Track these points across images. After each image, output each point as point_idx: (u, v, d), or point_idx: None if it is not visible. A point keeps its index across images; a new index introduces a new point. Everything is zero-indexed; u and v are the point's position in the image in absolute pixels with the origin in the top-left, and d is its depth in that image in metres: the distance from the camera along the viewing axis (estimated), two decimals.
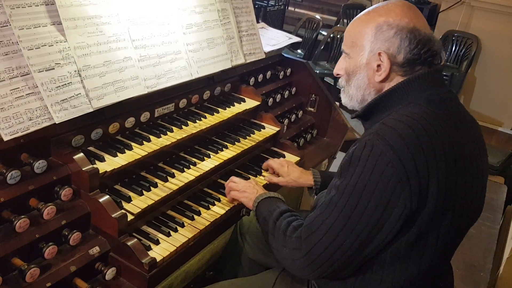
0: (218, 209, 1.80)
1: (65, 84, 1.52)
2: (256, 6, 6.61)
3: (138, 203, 1.61)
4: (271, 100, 2.46)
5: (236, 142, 2.10)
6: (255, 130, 2.23)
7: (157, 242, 1.58)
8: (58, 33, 1.53)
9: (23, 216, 1.35)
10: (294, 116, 2.56)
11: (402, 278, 1.35)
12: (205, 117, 2.06)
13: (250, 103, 2.29)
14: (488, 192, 1.49)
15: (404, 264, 1.33)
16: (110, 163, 1.62)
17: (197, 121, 2.00)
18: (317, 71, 5.12)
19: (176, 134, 1.88)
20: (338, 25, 6.59)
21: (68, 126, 1.55)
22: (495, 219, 2.96)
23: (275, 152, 2.30)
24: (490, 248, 2.71)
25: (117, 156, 1.66)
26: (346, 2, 7.07)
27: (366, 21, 1.38)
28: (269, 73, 2.53)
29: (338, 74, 1.49)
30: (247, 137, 2.17)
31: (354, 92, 1.44)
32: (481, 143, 1.41)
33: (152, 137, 1.81)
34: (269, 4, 7.18)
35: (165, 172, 1.79)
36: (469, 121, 1.40)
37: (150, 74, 1.80)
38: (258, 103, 2.31)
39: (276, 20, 7.16)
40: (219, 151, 2.01)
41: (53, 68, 1.50)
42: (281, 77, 2.63)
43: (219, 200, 1.85)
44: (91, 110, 1.59)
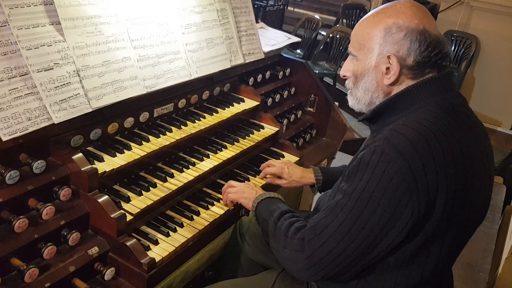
0: (217, 209, 1.80)
1: (64, 84, 1.52)
2: (255, 6, 6.60)
3: (137, 203, 1.61)
4: (270, 100, 2.45)
5: (235, 142, 2.10)
6: (254, 130, 2.23)
7: (156, 242, 1.58)
8: (57, 33, 1.53)
9: (22, 216, 1.35)
10: (293, 116, 2.55)
11: (404, 283, 1.34)
12: (204, 117, 2.06)
13: (249, 103, 2.29)
14: None
15: (407, 269, 1.32)
16: (109, 163, 1.62)
17: (196, 121, 2.00)
18: (316, 71, 5.12)
19: (175, 134, 1.88)
20: (338, 25, 6.60)
21: (67, 126, 1.55)
22: (494, 219, 2.96)
23: (274, 152, 2.29)
24: (489, 248, 2.71)
25: (116, 156, 1.66)
26: (345, 2, 7.07)
27: (375, 22, 1.34)
28: (268, 73, 2.53)
29: (344, 76, 1.46)
30: (246, 137, 2.17)
31: (362, 95, 1.41)
32: (489, 150, 1.39)
33: (151, 137, 1.80)
34: (268, 4, 7.17)
35: (164, 172, 1.79)
36: (478, 127, 1.37)
37: (149, 74, 1.80)
38: (257, 103, 2.31)
39: (275, 20, 7.16)
40: (218, 151, 2.00)
41: (52, 68, 1.50)
42: (280, 77, 2.62)
43: (218, 201, 1.85)
44: (90, 110, 1.59)
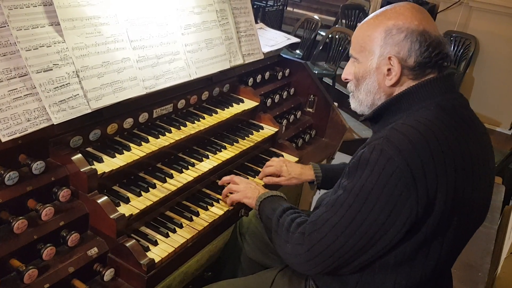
0: (217, 210, 1.80)
1: (63, 85, 1.52)
2: (254, 6, 6.61)
3: (136, 204, 1.61)
4: (269, 100, 2.45)
5: (234, 143, 2.10)
6: (253, 131, 2.23)
7: (155, 243, 1.58)
8: (56, 33, 1.53)
9: (21, 217, 1.35)
10: (292, 116, 2.55)
11: (404, 282, 1.34)
12: (204, 118, 2.06)
13: (249, 103, 2.29)
14: None
15: (407, 268, 1.33)
16: (108, 164, 1.62)
17: (196, 121, 2.00)
18: (316, 72, 5.12)
19: (175, 135, 1.88)
20: (337, 26, 6.60)
21: (66, 127, 1.55)
22: (493, 219, 2.96)
23: (274, 152, 2.29)
24: (488, 248, 2.71)
25: (116, 157, 1.66)
26: (344, 2, 7.08)
27: (375, 25, 1.36)
28: (267, 73, 2.53)
29: (346, 79, 1.47)
30: (246, 137, 2.17)
31: (364, 97, 1.43)
32: (490, 151, 1.40)
33: (150, 138, 1.80)
34: (268, 5, 7.18)
35: (164, 173, 1.78)
36: (479, 128, 1.38)
37: (149, 75, 1.80)
38: (257, 103, 2.31)
39: (275, 20, 7.17)
40: (217, 152, 2.00)
41: (51, 69, 1.50)
42: (279, 77, 2.62)
43: (217, 201, 1.85)
44: (89, 111, 1.59)
